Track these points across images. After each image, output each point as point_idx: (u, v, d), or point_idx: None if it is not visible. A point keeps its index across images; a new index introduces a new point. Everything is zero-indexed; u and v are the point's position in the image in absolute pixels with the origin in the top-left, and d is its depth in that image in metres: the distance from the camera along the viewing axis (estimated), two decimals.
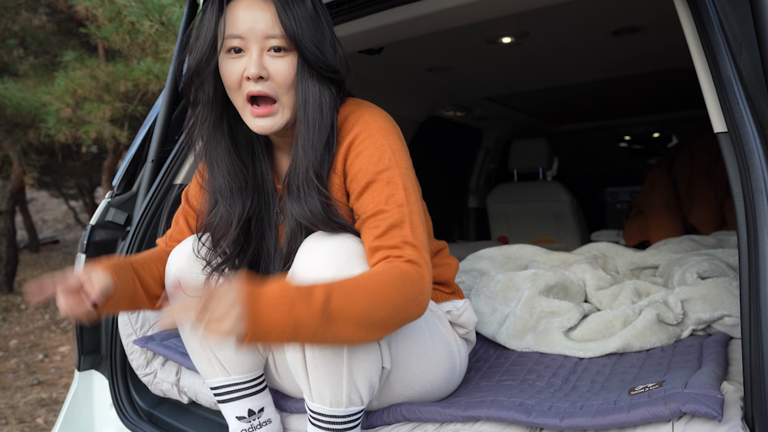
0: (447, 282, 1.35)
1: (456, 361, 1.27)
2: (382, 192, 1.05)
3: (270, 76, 1.06)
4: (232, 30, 1.05)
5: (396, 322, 0.96)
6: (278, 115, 1.08)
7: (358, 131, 1.08)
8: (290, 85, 1.07)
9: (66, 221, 13.91)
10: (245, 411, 1.24)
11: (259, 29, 1.04)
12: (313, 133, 1.07)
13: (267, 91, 1.06)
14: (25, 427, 2.89)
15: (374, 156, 1.06)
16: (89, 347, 1.73)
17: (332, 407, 1.05)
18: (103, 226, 1.80)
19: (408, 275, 0.96)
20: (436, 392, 1.25)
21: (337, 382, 1.03)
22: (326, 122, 1.07)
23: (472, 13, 1.71)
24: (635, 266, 2.04)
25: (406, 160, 1.10)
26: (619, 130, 4.70)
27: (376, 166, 1.06)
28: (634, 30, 2.21)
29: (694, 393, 0.98)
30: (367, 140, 1.07)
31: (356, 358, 1.02)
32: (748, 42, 1.07)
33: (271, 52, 1.06)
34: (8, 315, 5.63)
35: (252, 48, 1.05)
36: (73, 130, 5.18)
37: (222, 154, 1.16)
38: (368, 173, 1.06)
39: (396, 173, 1.06)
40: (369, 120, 1.10)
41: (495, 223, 4.20)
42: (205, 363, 1.24)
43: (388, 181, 1.05)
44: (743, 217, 1.00)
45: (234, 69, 1.06)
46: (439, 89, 3.12)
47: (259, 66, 1.04)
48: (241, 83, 1.07)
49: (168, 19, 4.05)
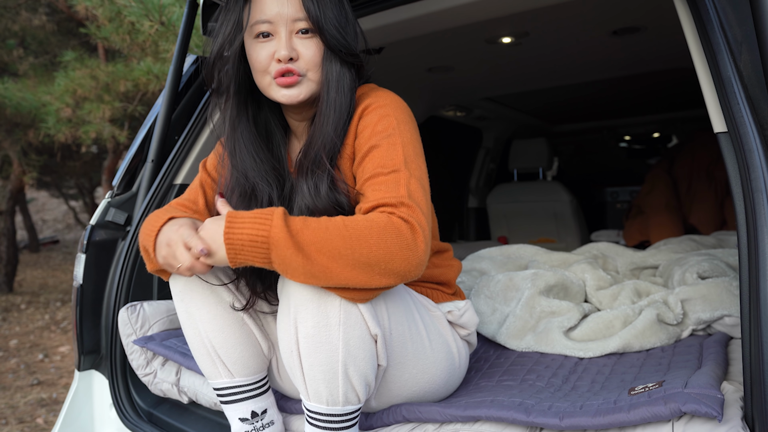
0: (448, 282, 1.35)
1: (455, 361, 1.27)
2: (382, 156, 1.08)
3: (299, 56, 1.12)
4: (260, 16, 1.11)
5: (379, 269, 0.96)
6: (303, 85, 1.14)
7: (369, 102, 1.14)
8: (318, 64, 1.13)
9: (66, 221, 13.91)
10: (248, 413, 1.24)
11: (286, 13, 1.10)
12: (333, 111, 1.12)
13: (297, 68, 1.12)
14: (25, 427, 2.89)
15: (379, 124, 1.11)
16: (89, 347, 1.73)
17: (329, 406, 1.05)
18: (103, 226, 1.80)
19: (396, 227, 0.97)
20: (435, 392, 1.25)
21: (332, 380, 1.03)
22: (345, 102, 1.13)
23: (472, 13, 1.71)
24: (635, 266, 2.04)
25: (411, 132, 1.14)
26: (619, 130, 4.70)
27: (380, 133, 1.10)
28: (634, 30, 2.21)
29: (694, 393, 0.98)
30: (376, 110, 1.13)
31: (351, 355, 1.02)
32: (748, 42, 1.07)
33: (299, 34, 1.12)
34: (8, 315, 5.63)
35: (281, 31, 1.11)
36: (72, 130, 5.18)
37: (245, 136, 1.20)
38: (371, 139, 1.11)
39: (397, 141, 1.09)
40: (380, 95, 1.16)
41: (495, 223, 4.21)
42: (209, 364, 1.23)
43: (389, 147, 1.09)
44: (743, 217, 1.00)
45: (263, 52, 1.12)
46: (439, 89, 3.12)
47: (289, 48, 1.11)
48: (270, 64, 1.13)
49: (168, 19, 4.05)
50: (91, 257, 1.75)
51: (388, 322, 1.10)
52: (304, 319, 1.01)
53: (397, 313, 1.12)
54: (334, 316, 1.00)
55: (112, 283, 1.75)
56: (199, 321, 1.20)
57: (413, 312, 1.17)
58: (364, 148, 1.11)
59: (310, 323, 1.01)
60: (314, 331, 1.01)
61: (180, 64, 1.87)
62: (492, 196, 4.14)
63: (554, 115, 4.26)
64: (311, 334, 1.01)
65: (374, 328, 1.05)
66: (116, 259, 1.78)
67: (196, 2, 1.86)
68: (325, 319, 1.00)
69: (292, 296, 1.02)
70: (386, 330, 1.09)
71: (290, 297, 1.03)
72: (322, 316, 1.00)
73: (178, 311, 1.23)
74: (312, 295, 1.00)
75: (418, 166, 1.10)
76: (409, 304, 1.17)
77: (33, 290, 6.98)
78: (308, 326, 1.01)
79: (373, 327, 1.04)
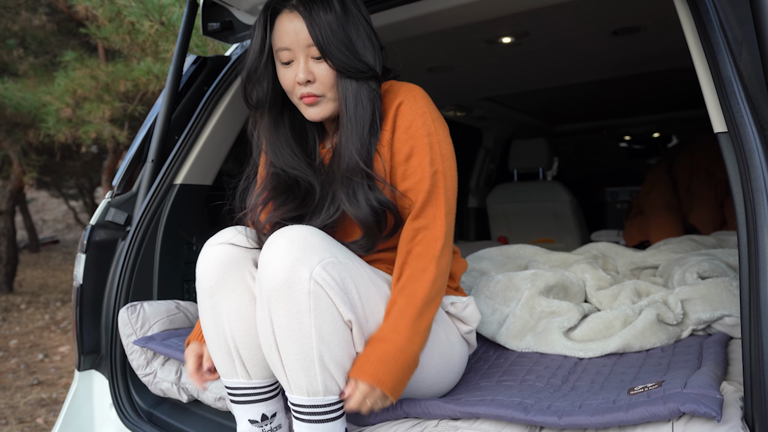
0: (452, 276, 1.36)
1: (448, 354, 1.27)
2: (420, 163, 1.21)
3: (315, 79, 1.22)
4: (280, 44, 1.21)
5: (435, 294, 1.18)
6: (323, 104, 1.24)
7: (403, 98, 1.24)
8: (333, 84, 1.22)
9: (66, 221, 13.92)
10: (259, 415, 1.24)
11: (301, 40, 1.19)
12: (354, 124, 1.21)
13: (314, 91, 1.22)
14: (25, 427, 2.89)
15: (416, 121, 1.22)
16: (89, 347, 1.73)
17: (310, 396, 1.07)
18: (103, 226, 1.80)
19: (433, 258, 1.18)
20: (428, 386, 1.25)
21: (309, 368, 1.05)
22: (366, 113, 1.22)
23: (472, 13, 1.71)
24: (635, 266, 2.04)
25: (444, 127, 1.26)
26: (619, 130, 4.70)
27: (419, 130, 1.22)
28: (634, 30, 2.21)
29: (693, 393, 0.98)
30: (412, 106, 1.23)
31: (325, 342, 1.05)
32: (748, 42, 1.07)
33: (313, 59, 1.21)
34: (8, 315, 5.63)
35: (299, 56, 1.21)
36: (72, 130, 5.18)
37: (283, 140, 1.32)
38: (411, 137, 1.22)
39: (434, 140, 1.22)
40: (410, 89, 1.25)
41: (495, 223, 4.21)
42: (227, 362, 1.22)
43: (429, 146, 1.21)
44: (743, 217, 1.00)
45: (288, 77, 1.23)
46: (439, 89, 3.12)
47: (306, 72, 1.20)
48: (294, 86, 1.23)
49: (168, 19, 4.05)
50: (91, 257, 1.75)
51: (362, 307, 1.11)
52: (276, 309, 1.05)
53: (371, 299, 1.14)
54: (304, 303, 1.04)
55: (112, 283, 1.75)
56: (225, 319, 1.20)
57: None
58: (405, 148, 1.22)
59: (282, 312, 1.04)
60: (286, 320, 1.04)
61: (180, 64, 1.87)
62: (492, 196, 4.14)
63: (554, 115, 4.26)
64: (284, 323, 1.04)
65: (346, 314, 1.07)
66: (116, 259, 1.78)
67: (196, 2, 1.86)
68: (296, 307, 1.04)
69: (264, 288, 1.06)
70: (360, 315, 1.10)
71: (263, 289, 1.06)
72: (293, 304, 1.04)
73: (201, 307, 1.22)
74: (282, 284, 1.04)
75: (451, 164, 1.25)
76: (386, 292, 1.18)
77: (33, 290, 6.99)
78: (281, 315, 1.05)
79: (345, 312, 1.07)
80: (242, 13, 1.83)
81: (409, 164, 1.22)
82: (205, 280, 1.20)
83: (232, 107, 1.91)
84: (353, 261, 1.14)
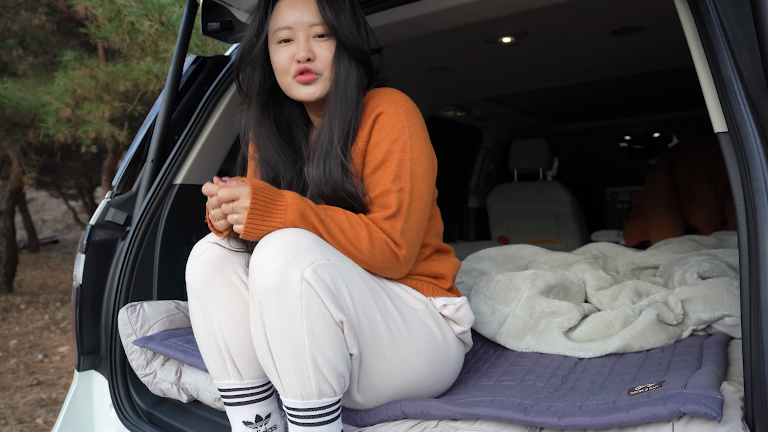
0: (444, 276, 1.35)
1: (442, 354, 1.27)
2: (391, 172, 1.22)
3: (315, 57, 1.27)
4: (281, 23, 1.27)
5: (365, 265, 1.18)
6: (319, 83, 1.28)
7: (384, 108, 1.26)
8: (331, 63, 1.27)
9: (66, 221, 13.92)
10: (253, 416, 1.24)
11: (305, 20, 1.26)
12: (341, 105, 1.25)
13: (313, 68, 1.27)
14: (25, 427, 2.89)
15: (392, 134, 1.23)
16: (89, 347, 1.73)
17: (304, 400, 1.06)
18: (102, 226, 1.80)
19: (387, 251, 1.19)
20: (423, 386, 1.25)
21: (302, 371, 1.05)
22: (352, 97, 1.26)
23: (472, 13, 1.71)
24: (635, 266, 2.04)
25: (421, 144, 1.26)
26: (619, 130, 4.70)
27: (393, 144, 1.23)
28: (635, 30, 2.21)
29: (693, 393, 0.98)
30: (392, 118, 1.25)
31: (317, 344, 1.04)
32: (748, 42, 1.06)
33: (315, 38, 1.27)
34: (8, 315, 5.63)
35: (300, 36, 1.26)
36: (72, 129, 5.18)
37: (268, 133, 1.35)
38: (383, 150, 1.23)
39: (406, 156, 1.23)
40: (393, 99, 1.27)
41: (495, 223, 4.20)
42: (219, 364, 1.23)
43: (399, 162, 1.22)
44: (743, 217, 1.00)
45: (284, 55, 1.27)
46: (439, 89, 3.12)
47: (307, 50, 1.26)
48: (291, 65, 1.27)
49: (168, 19, 4.05)
50: (91, 257, 1.75)
51: (354, 309, 1.11)
52: (268, 312, 1.04)
53: (363, 300, 1.13)
54: (296, 306, 1.03)
55: (112, 283, 1.75)
56: (215, 319, 1.20)
57: (385, 301, 1.18)
58: (378, 157, 1.23)
59: (274, 315, 1.04)
60: (279, 323, 1.04)
61: (180, 63, 1.87)
62: (492, 196, 4.14)
63: (554, 115, 4.26)
64: (276, 326, 1.04)
65: (338, 315, 1.06)
66: (116, 259, 1.78)
67: (196, 2, 1.86)
68: (288, 310, 1.03)
69: (255, 291, 1.05)
70: (352, 317, 1.10)
71: (254, 292, 1.06)
72: (285, 307, 1.03)
73: (192, 309, 1.23)
74: (273, 287, 1.03)
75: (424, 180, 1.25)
76: (378, 293, 1.18)
77: (32, 290, 6.99)
78: (273, 318, 1.04)
79: (336, 314, 1.06)
80: (242, 13, 1.83)
81: (372, 178, 1.24)
82: (194, 281, 1.21)
83: (231, 107, 1.91)
84: (345, 263, 1.13)
